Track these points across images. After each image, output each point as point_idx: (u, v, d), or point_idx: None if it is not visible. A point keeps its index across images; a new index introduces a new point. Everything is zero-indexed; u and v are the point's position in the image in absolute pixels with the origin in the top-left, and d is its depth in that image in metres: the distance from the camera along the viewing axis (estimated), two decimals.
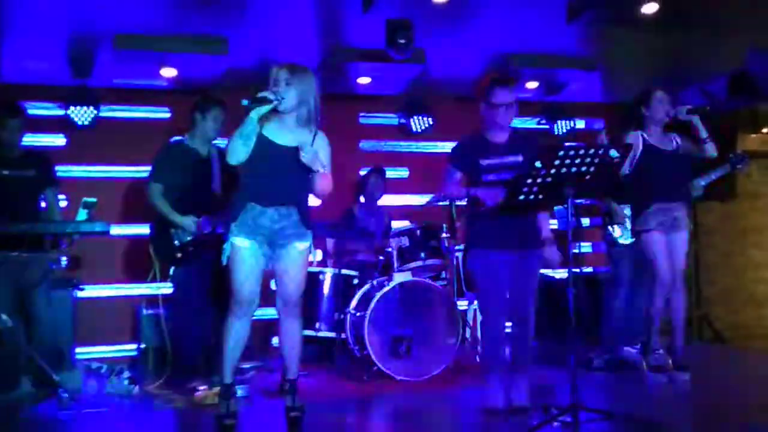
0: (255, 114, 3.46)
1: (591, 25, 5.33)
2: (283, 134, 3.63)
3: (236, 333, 3.63)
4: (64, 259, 4.84)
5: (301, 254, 3.68)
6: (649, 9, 4.91)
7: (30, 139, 5.22)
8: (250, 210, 3.58)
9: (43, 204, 5.01)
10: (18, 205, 4.65)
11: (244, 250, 3.58)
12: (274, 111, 3.56)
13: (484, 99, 4.08)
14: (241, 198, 3.62)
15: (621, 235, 5.51)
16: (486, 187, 3.98)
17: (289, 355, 3.74)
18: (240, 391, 4.50)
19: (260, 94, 3.48)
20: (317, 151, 3.63)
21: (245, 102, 3.47)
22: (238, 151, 3.50)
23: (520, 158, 4.02)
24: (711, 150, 4.83)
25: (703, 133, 4.77)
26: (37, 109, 5.95)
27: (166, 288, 4.85)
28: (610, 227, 5.72)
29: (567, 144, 3.66)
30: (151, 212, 4.84)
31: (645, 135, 4.83)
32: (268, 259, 3.68)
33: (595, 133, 7.41)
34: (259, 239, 3.60)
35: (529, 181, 3.59)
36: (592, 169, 3.60)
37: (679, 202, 4.84)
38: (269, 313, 6.47)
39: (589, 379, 4.70)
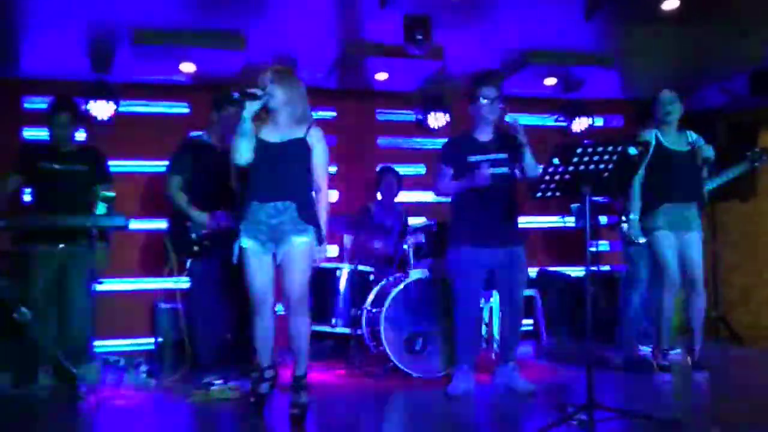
0: (247, 113, 3.62)
1: (610, 22, 5.31)
2: (277, 133, 3.77)
3: (258, 329, 3.81)
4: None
5: (299, 250, 3.72)
6: (670, 5, 4.89)
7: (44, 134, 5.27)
8: (250, 208, 3.72)
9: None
10: (68, 200, 4.68)
11: (248, 251, 3.73)
12: (267, 113, 3.74)
13: (471, 97, 4.43)
14: (244, 198, 3.78)
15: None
16: (471, 173, 4.27)
17: (298, 353, 3.81)
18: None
19: (249, 90, 3.64)
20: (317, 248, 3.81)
21: (235, 95, 3.67)
22: (242, 150, 3.68)
23: (505, 155, 4.36)
24: (706, 151, 4.81)
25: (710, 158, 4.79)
26: None
27: (183, 282, 4.89)
28: (625, 225, 5.70)
29: (585, 141, 3.65)
30: (168, 206, 4.88)
31: (659, 134, 4.82)
32: (275, 256, 3.77)
33: (613, 131, 7.40)
34: (261, 238, 3.72)
35: (547, 177, 3.59)
36: (610, 166, 3.58)
37: (689, 202, 4.82)
38: (278, 308, 6.55)
39: (606, 378, 4.67)
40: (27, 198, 5.17)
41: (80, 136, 6.16)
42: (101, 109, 6.04)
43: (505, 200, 4.41)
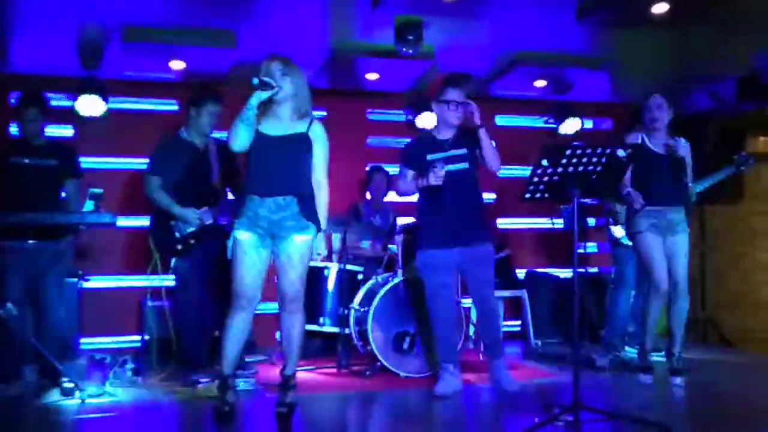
0: (255, 99, 3.55)
1: (600, 25, 5.32)
2: (278, 127, 3.70)
3: (236, 326, 3.67)
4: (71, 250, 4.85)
5: (300, 248, 3.68)
6: (660, 9, 4.90)
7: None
8: (249, 202, 3.64)
9: (63, 194, 5.04)
10: (37, 194, 4.68)
11: (244, 243, 3.63)
12: (268, 106, 3.66)
13: (436, 97, 4.40)
14: (243, 192, 3.70)
15: (623, 235, 5.53)
16: (430, 171, 4.23)
17: (289, 352, 3.78)
18: (244, 384, 4.54)
19: (265, 79, 3.57)
20: (315, 241, 3.79)
21: (255, 81, 3.55)
22: (241, 137, 3.59)
23: (464, 150, 4.34)
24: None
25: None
26: None
27: (169, 280, 4.88)
28: (612, 227, 5.75)
29: (574, 143, 3.66)
30: (151, 204, 4.86)
31: (645, 137, 4.85)
32: (271, 252, 3.70)
33: (602, 134, 7.43)
34: (259, 232, 3.64)
35: (536, 179, 3.60)
36: (598, 168, 3.60)
37: (673, 205, 4.82)
38: (273, 307, 6.53)
39: (592, 379, 4.70)
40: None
41: (68, 132, 6.18)
42: (90, 106, 6.00)
43: (467, 197, 4.39)
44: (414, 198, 4.63)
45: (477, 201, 4.47)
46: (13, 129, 5.98)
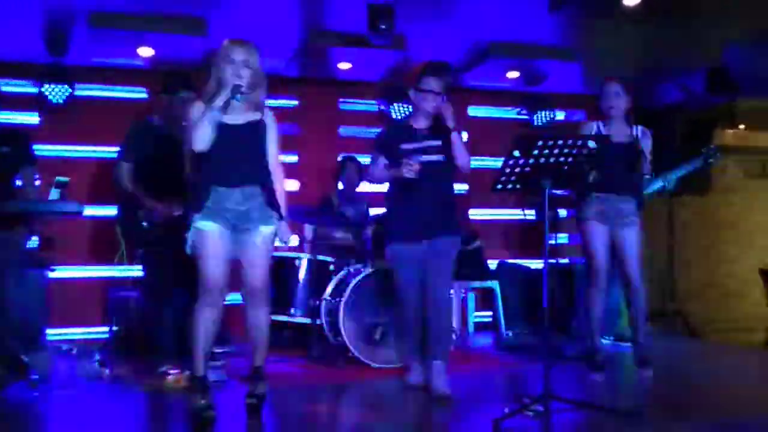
0: (222, 101, 3.43)
1: (573, 16, 5.34)
2: (236, 115, 3.56)
3: (206, 322, 3.52)
4: (35, 239, 4.76)
5: (266, 240, 3.62)
6: (631, 1, 4.92)
7: (2, 117, 5.14)
8: (214, 193, 3.52)
9: (19, 182, 4.94)
10: None
11: (211, 235, 3.50)
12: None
13: (414, 84, 4.29)
14: (204, 183, 3.54)
15: None
16: (403, 163, 4.12)
17: (257, 344, 3.72)
18: (214, 376, 4.49)
19: (236, 83, 3.45)
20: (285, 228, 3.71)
21: (237, 99, 3.46)
22: (206, 138, 3.45)
23: (439, 142, 4.22)
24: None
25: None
26: (11, 86, 5.85)
27: (136, 270, 4.81)
28: None
29: (545, 134, 3.65)
30: (118, 194, 4.78)
31: (600, 125, 4.67)
32: (233, 244, 3.59)
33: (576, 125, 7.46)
34: (224, 223, 3.53)
35: (507, 170, 3.59)
36: (569, 159, 3.61)
37: (624, 195, 4.62)
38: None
39: (562, 370, 4.72)
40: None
41: (33, 119, 6.06)
42: (56, 93, 5.91)
43: (439, 189, 4.29)
44: (384, 187, 4.54)
45: (449, 193, 4.39)
46: None
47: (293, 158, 6.66)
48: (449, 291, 4.41)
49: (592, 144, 3.65)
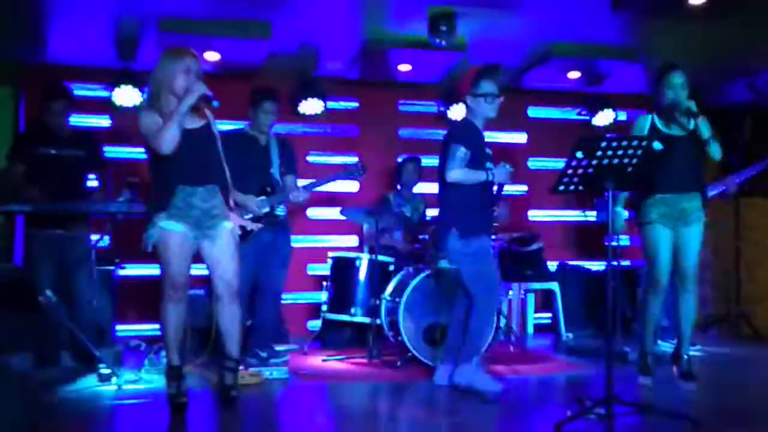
0: (186, 106, 3.54)
1: (636, 15, 5.24)
2: (191, 120, 3.69)
3: (177, 317, 3.71)
4: (106, 239, 4.90)
5: (231, 235, 3.77)
6: (697, 0, 4.80)
7: (75, 120, 5.32)
8: (180, 192, 3.63)
9: (95, 183, 5.11)
10: (63, 184, 4.76)
11: (175, 236, 3.64)
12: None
13: (473, 91, 4.26)
14: (168, 183, 3.64)
15: None
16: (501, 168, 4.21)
17: (232, 338, 3.83)
18: (278, 373, 4.58)
19: (204, 93, 3.59)
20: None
21: (216, 104, 3.66)
22: (175, 142, 3.54)
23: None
24: (715, 152, 4.33)
25: (705, 134, 4.29)
26: (84, 91, 6.05)
27: (200, 269, 4.90)
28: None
29: (609, 135, 3.59)
30: None
31: (656, 118, 4.44)
32: (196, 244, 3.73)
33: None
34: (190, 222, 3.65)
35: (570, 171, 3.54)
36: (634, 161, 3.54)
37: (688, 193, 4.36)
38: (305, 297, 6.57)
39: (624, 373, 4.63)
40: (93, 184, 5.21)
41: (105, 122, 6.23)
42: (126, 96, 6.07)
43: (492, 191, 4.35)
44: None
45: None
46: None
47: (353, 159, 6.70)
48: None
49: (658, 146, 3.57)
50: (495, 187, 4.28)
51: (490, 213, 4.37)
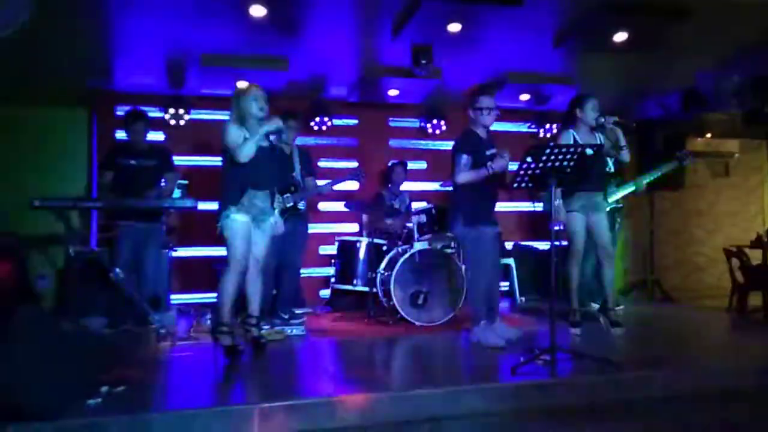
0: (263, 133, 3.73)
1: (572, 49, 5.23)
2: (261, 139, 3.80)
3: (235, 286, 3.77)
4: (163, 227, 4.91)
5: (271, 227, 3.91)
6: (620, 37, 4.81)
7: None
8: (248, 193, 3.76)
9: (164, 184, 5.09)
10: (141, 188, 4.77)
11: (244, 224, 3.75)
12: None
13: (472, 105, 4.22)
14: (241, 185, 3.75)
15: None
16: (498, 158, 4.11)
17: (256, 300, 3.94)
18: (297, 330, 4.59)
19: (278, 126, 3.79)
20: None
21: (284, 136, 3.95)
22: (251, 154, 3.68)
23: (494, 149, 4.20)
24: (626, 156, 4.50)
25: (622, 142, 4.45)
26: None
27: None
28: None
29: (552, 144, 3.60)
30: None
31: (575, 134, 4.51)
32: (250, 230, 3.82)
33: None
34: (250, 216, 3.77)
35: (522, 172, 3.56)
36: (571, 164, 3.56)
37: (598, 190, 4.58)
38: (317, 271, 6.57)
39: (564, 329, 4.66)
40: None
41: (159, 137, 6.21)
42: (176, 117, 6.04)
43: (496, 186, 4.25)
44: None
45: (497, 191, 4.31)
46: (119, 134, 6.04)
47: (354, 164, 6.71)
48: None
49: (589, 151, 3.60)
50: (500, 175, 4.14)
51: (491, 205, 4.25)
